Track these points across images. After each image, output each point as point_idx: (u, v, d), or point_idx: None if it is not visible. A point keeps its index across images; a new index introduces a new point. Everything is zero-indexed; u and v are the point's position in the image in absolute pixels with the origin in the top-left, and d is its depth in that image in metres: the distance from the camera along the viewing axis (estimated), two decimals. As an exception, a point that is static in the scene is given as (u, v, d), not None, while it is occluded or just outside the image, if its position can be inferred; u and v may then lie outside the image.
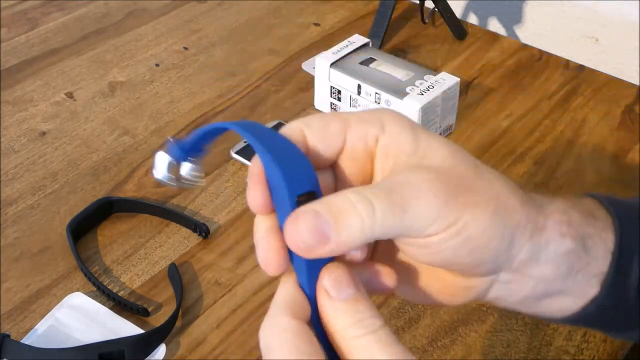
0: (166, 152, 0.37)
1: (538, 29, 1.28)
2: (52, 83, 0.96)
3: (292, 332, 0.31)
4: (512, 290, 0.38)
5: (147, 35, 1.05)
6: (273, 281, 0.70)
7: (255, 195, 0.33)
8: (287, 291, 0.32)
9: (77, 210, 0.75)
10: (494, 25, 1.31)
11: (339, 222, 0.31)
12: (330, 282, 0.32)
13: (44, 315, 0.66)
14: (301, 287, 0.32)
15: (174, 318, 0.65)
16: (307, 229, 0.30)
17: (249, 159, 0.82)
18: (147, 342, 0.63)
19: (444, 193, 0.33)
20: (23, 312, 0.67)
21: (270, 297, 0.69)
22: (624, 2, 1.16)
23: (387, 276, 0.35)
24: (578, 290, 0.38)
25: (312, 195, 0.32)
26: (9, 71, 0.97)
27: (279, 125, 0.85)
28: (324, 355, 0.31)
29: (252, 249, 0.73)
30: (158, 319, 0.67)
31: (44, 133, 0.88)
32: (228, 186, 0.80)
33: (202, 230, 0.74)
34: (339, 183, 0.36)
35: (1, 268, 0.71)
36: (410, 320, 0.67)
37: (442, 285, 0.37)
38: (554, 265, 0.37)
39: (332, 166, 0.35)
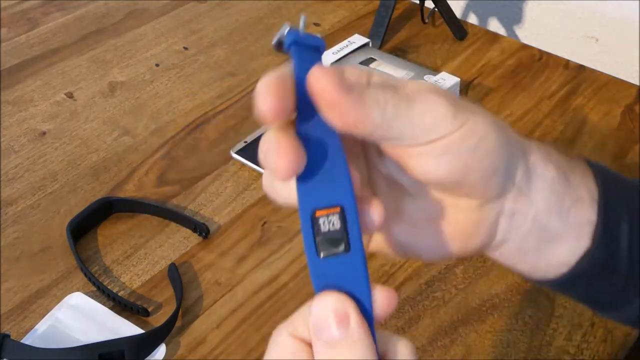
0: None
1: (538, 29, 1.28)
2: (52, 83, 0.96)
3: (280, 348, 0.31)
4: (515, 224, 0.37)
5: (147, 35, 1.05)
6: (273, 281, 0.70)
7: (278, 97, 0.30)
8: (303, 307, 0.31)
9: (77, 210, 0.75)
10: (494, 25, 1.31)
11: (358, 94, 0.30)
12: (315, 317, 0.30)
13: (44, 315, 0.66)
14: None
15: (174, 318, 0.65)
16: (335, 76, 0.30)
17: (249, 159, 0.82)
18: (147, 342, 0.63)
19: (447, 97, 0.33)
20: (23, 312, 0.67)
21: (270, 297, 0.69)
22: (624, 2, 1.16)
23: (375, 209, 0.33)
24: (571, 237, 0.38)
25: None
26: (9, 71, 0.97)
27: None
28: None
29: (252, 249, 0.74)
30: (158, 319, 0.67)
31: (44, 133, 0.88)
32: (228, 186, 0.80)
33: (202, 230, 0.74)
34: None
35: (1, 268, 0.71)
36: (410, 320, 0.67)
37: (452, 224, 0.37)
38: (544, 193, 0.37)
39: None
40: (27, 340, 0.64)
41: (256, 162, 0.82)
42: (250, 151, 0.83)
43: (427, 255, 0.39)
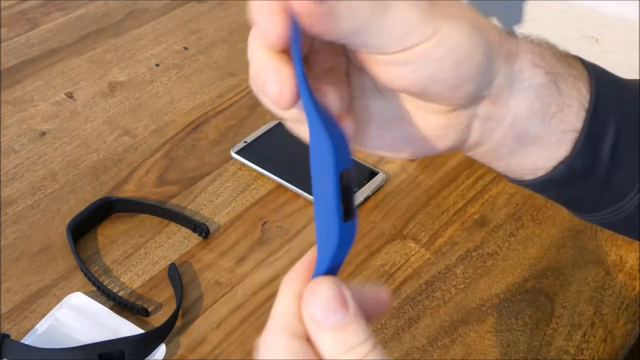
0: None
1: (538, 29, 1.28)
2: (52, 83, 0.96)
3: (290, 354, 0.30)
4: (490, 128, 0.36)
5: (147, 35, 1.05)
6: (273, 281, 0.70)
7: (276, 22, 0.30)
8: (286, 305, 0.31)
9: (77, 210, 0.75)
10: (494, 25, 1.31)
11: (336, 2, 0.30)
12: (317, 306, 0.30)
13: (44, 315, 0.66)
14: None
15: (174, 318, 0.65)
16: None
17: (249, 159, 0.82)
18: (147, 342, 0.63)
19: (423, 5, 0.32)
20: (23, 312, 0.67)
21: (270, 297, 0.69)
22: (624, 2, 1.16)
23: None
24: (551, 143, 0.37)
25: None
26: (9, 71, 0.97)
27: (279, 125, 0.85)
28: None
29: (252, 249, 0.74)
30: (158, 319, 0.67)
31: (44, 133, 0.88)
32: (228, 186, 0.80)
33: (202, 230, 0.74)
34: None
35: (1, 268, 0.71)
36: (410, 320, 0.67)
37: (422, 126, 0.36)
38: (527, 99, 0.36)
39: None
40: (27, 340, 0.64)
41: (256, 162, 0.82)
42: (250, 151, 0.83)
43: (396, 154, 0.38)
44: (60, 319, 0.66)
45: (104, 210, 0.76)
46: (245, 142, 0.84)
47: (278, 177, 0.80)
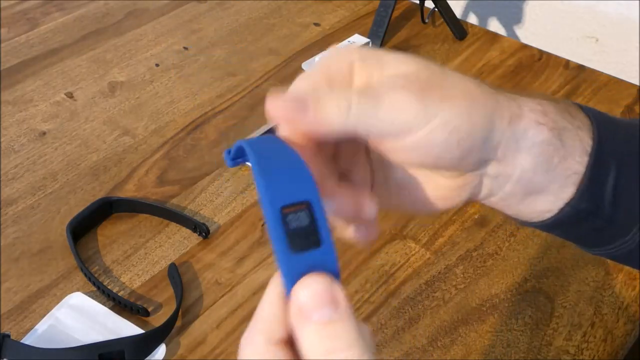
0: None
1: (538, 29, 1.28)
2: (52, 83, 0.96)
3: (264, 358, 0.30)
4: (499, 184, 0.38)
5: (147, 35, 1.05)
6: (273, 281, 0.70)
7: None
8: (270, 306, 0.30)
9: (77, 210, 0.75)
10: (494, 25, 1.31)
11: (317, 103, 0.33)
12: (306, 294, 0.29)
13: (44, 315, 0.66)
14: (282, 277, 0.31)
15: (174, 318, 0.65)
16: (288, 98, 0.33)
17: (249, 159, 0.82)
18: (147, 342, 0.63)
19: (417, 89, 0.34)
20: (23, 312, 0.68)
21: (270, 297, 0.69)
22: (624, 2, 1.16)
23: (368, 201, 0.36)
24: (556, 189, 0.39)
25: (304, 204, 0.32)
26: (9, 71, 0.97)
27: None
28: None
29: (252, 248, 0.74)
30: (158, 319, 0.67)
31: (44, 133, 0.88)
32: (228, 186, 0.80)
33: (202, 230, 0.74)
34: None
35: (1, 268, 0.71)
36: (410, 320, 0.67)
37: (436, 189, 0.38)
38: (532, 156, 0.37)
39: None
40: (27, 340, 0.64)
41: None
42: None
43: (417, 213, 0.40)
44: (60, 319, 0.66)
45: (103, 210, 0.76)
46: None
47: (278, 177, 0.80)
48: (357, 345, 0.29)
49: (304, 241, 0.31)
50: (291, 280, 0.30)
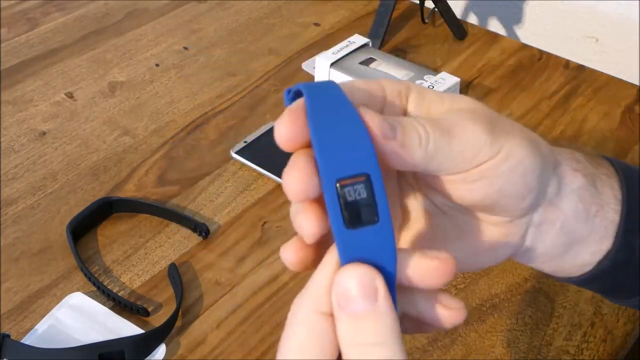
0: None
1: (538, 29, 1.28)
2: (52, 83, 0.96)
3: (306, 328, 0.29)
4: (542, 232, 0.38)
5: (147, 35, 1.05)
6: (273, 281, 0.70)
7: (293, 129, 0.31)
8: (322, 277, 0.30)
9: (77, 210, 0.75)
10: (494, 25, 1.31)
11: (404, 130, 0.32)
12: (341, 288, 0.29)
13: (44, 315, 0.66)
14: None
15: (174, 318, 0.65)
16: (379, 120, 0.31)
17: (249, 159, 0.82)
18: (147, 342, 0.63)
19: (484, 122, 0.34)
20: (23, 312, 0.67)
21: (270, 297, 0.69)
22: (624, 2, 1.16)
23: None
24: (597, 240, 0.39)
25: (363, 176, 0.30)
26: (9, 71, 0.97)
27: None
28: (333, 357, 0.29)
29: (252, 248, 0.74)
30: (158, 319, 0.67)
31: (44, 133, 0.88)
32: (228, 186, 0.80)
33: (202, 230, 0.74)
34: None
35: (1, 268, 0.71)
36: (410, 320, 0.67)
37: (485, 238, 0.38)
38: (573, 202, 0.38)
39: None
40: (27, 340, 0.64)
41: (256, 162, 0.82)
42: (250, 151, 0.83)
43: (461, 269, 0.38)
44: (60, 319, 0.66)
45: (103, 211, 0.76)
46: (245, 142, 0.84)
47: (278, 177, 0.80)
48: (388, 345, 0.28)
49: (360, 217, 0.29)
50: (346, 256, 0.29)
